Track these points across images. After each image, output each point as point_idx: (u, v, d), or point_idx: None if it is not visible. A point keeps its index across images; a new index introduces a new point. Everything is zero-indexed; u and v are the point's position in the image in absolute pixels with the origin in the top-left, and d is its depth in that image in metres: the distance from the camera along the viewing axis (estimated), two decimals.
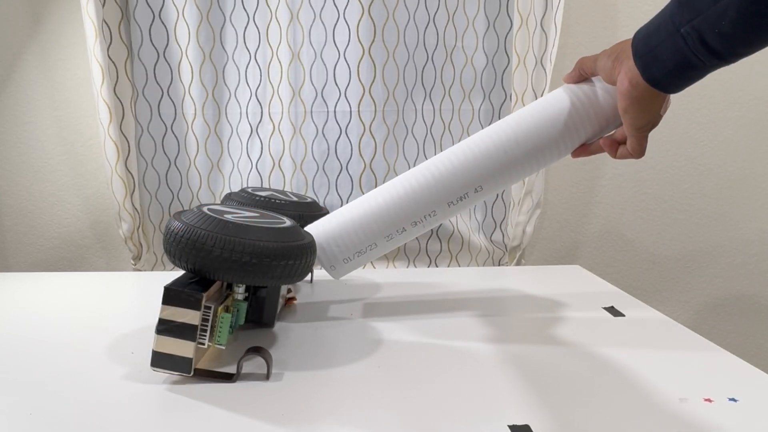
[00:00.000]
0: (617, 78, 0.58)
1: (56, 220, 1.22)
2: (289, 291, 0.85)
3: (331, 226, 0.74)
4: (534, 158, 0.69)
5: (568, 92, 0.68)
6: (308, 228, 0.75)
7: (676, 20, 0.50)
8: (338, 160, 1.11)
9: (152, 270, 1.18)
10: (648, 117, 0.59)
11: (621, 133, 0.64)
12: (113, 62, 1.08)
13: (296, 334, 0.73)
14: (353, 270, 0.76)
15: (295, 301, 0.85)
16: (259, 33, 1.10)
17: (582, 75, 0.67)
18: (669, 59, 0.52)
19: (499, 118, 1.16)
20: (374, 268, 1.15)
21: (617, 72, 0.58)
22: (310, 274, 0.98)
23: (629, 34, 0.57)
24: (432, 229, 1.16)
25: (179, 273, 0.63)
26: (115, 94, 1.09)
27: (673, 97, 0.59)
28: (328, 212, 0.88)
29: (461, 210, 0.73)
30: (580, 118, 0.67)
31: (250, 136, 1.13)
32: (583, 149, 0.69)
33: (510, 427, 0.51)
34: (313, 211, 0.88)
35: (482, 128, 1.15)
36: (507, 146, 0.69)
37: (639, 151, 0.62)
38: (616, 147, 0.65)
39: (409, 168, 1.13)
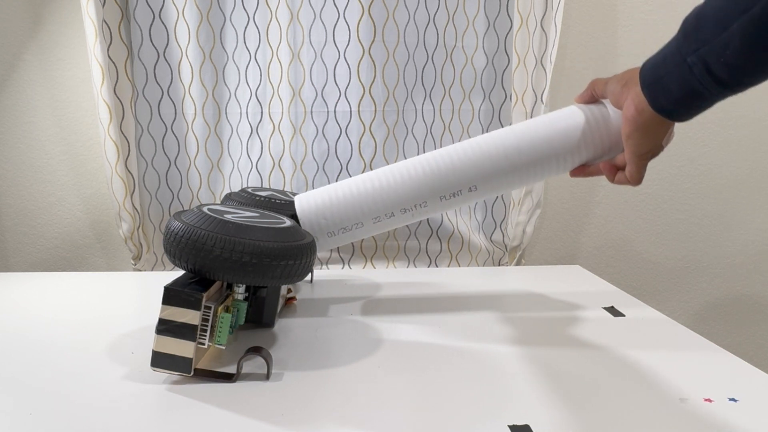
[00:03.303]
0: (624, 103, 0.59)
1: (56, 220, 1.22)
2: (289, 291, 0.85)
3: (321, 198, 0.74)
4: (533, 169, 0.69)
5: (578, 111, 0.68)
6: (297, 197, 0.76)
7: (683, 50, 0.51)
8: (338, 160, 1.11)
9: (152, 270, 1.18)
10: (650, 145, 0.59)
11: (621, 159, 0.65)
12: (113, 62, 1.08)
13: (296, 334, 0.73)
14: (335, 246, 0.76)
15: (295, 301, 0.85)
16: (259, 33, 1.10)
17: (593, 96, 0.68)
18: (676, 88, 0.52)
19: (499, 118, 1.16)
20: (374, 267, 1.15)
21: (624, 97, 0.59)
22: (310, 274, 0.98)
23: (629, 34, 0.57)
24: (432, 229, 1.16)
25: (179, 273, 0.63)
26: (115, 94, 1.09)
27: None
28: None
29: (453, 207, 0.73)
30: (585, 137, 0.67)
31: (250, 136, 1.13)
32: (582, 169, 0.70)
33: (510, 427, 0.51)
34: None
35: (482, 128, 1.17)
36: (508, 151, 0.69)
37: (637, 179, 0.63)
38: (614, 172, 0.66)
39: None
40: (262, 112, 1.12)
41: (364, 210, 0.73)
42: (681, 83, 0.52)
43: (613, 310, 0.81)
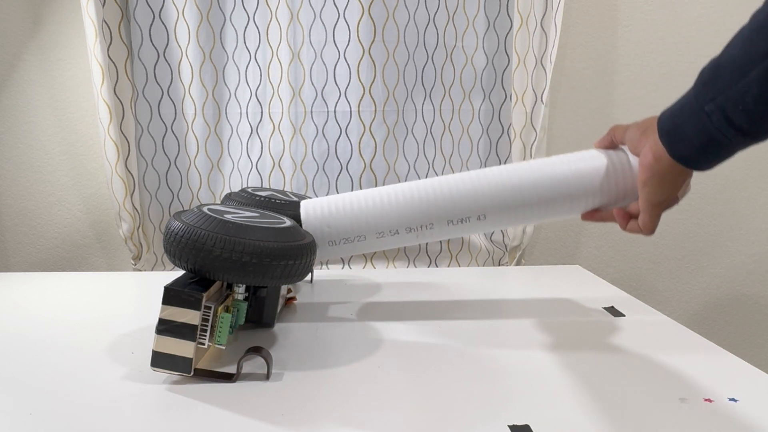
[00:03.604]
0: (642, 150, 0.59)
1: (56, 220, 1.22)
2: (289, 291, 0.85)
3: (328, 206, 0.74)
4: (545, 207, 0.69)
5: (597, 155, 0.68)
6: (304, 203, 0.75)
7: (700, 98, 0.51)
8: (338, 160, 1.11)
9: (152, 270, 1.18)
10: (666, 194, 0.59)
11: (635, 207, 0.65)
12: (113, 62, 1.08)
13: (296, 334, 0.73)
14: (335, 256, 0.76)
15: (295, 301, 0.85)
16: (259, 33, 1.10)
17: (613, 142, 0.68)
18: (694, 136, 0.52)
19: (500, 118, 1.17)
20: (374, 267, 1.15)
21: (643, 144, 0.59)
22: (310, 274, 0.98)
23: (629, 34, 0.57)
24: None
25: (179, 273, 0.63)
26: (115, 94, 1.08)
27: (672, 98, 0.59)
28: None
29: (459, 233, 0.73)
30: (602, 182, 0.67)
31: (250, 136, 1.13)
32: (594, 213, 0.70)
33: (510, 427, 0.51)
34: None
35: (482, 128, 1.17)
36: (522, 186, 0.69)
37: (650, 228, 0.62)
38: (627, 219, 0.66)
39: (409, 168, 1.14)
40: (262, 112, 1.12)
41: (369, 223, 0.72)
42: (699, 131, 0.51)
43: (613, 310, 0.81)
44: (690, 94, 0.53)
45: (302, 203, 0.75)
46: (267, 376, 0.61)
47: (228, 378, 0.60)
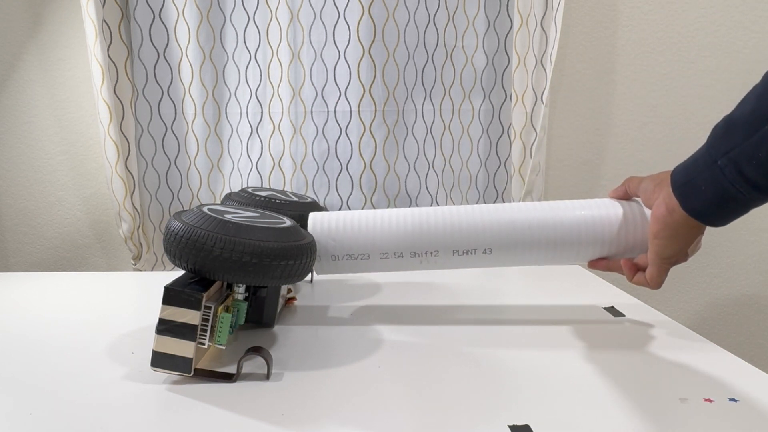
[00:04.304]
0: (655, 202, 0.59)
1: (56, 220, 1.22)
2: (289, 291, 0.85)
3: (336, 220, 0.74)
4: (552, 248, 0.69)
5: (610, 204, 0.68)
6: (312, 215, 0.75)
7: (713, 152, 0.51)
8: (338, 160, 1.11)
9: (152, 270, 1.18)
10: (676, 248, 0.59)
11: (643, 259, 0.65)
12: (113, 62, 1.08)
13: (296, 334, 0.73)
14: (336, 272, 0.75)
15: (295, 301, 0.85)
16: (259, 33, 1.10)
17: (627, 193, 0.68)
18: (708, 190, 0.52)
19: (500, 118, 1.17)
20: (382, 271, 1.15)
21: (656, 196, 0.59)
22: (310, 275, 0.98)
23: (629, 34, 0.57)
24: None
25: (179, 273, 0.63)
26: (115, 94, 1.09)
27: (672, 98, 0.59)
28: None
29: (464, 265, 0.73)
30: (612, 231, 0.67)
31: (250, 136, 1.13)
32: (601, 261, 0.70)
33: (510, 427, 0.51)
34: (313, 211, 0.88)
35: (482, 128, 1.17)
36: (532, 224, 0.69)
37: (657, 282, 0.62)
38: (634, 271, 0.66)
39: (409, 168, 1.14)
40: (262, 112, 1.12)
41: (375, 243, 0.72)
42: (712, 185, 0.51)
43: (613, 310, 0.81)
44: (703, 148, 0.53)
45: (311, 215, 0.75)
46: (267, 376, 0.61)
47: (228, 378, 0.60)
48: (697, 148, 0.55)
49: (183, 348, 0.57)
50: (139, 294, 0.94)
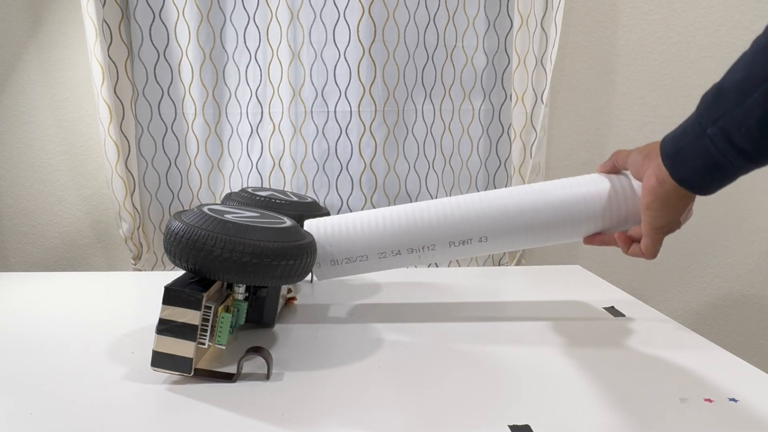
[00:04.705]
0: (645, 174, 0.59)
1: (56, 220, 1.22)
2: (289, 291, 0.85)
3: (331, 225, 0.74)
4: (547, 230, 0.69)
5: (600, 179, 0.68)
6: (308, 222, 0.76)
7: (702, 121, 0.50)
8: (338, 160, 1.11)
9: (152, 270, 1.18)
10: (668, 218, 0.59)
11: (637, 231, 0.65)
12: (113, 62, 1.08)
13: (296, 334, 0.73)
14: (336, 276, 0.76)
15: (295, 301, 0.85)
16: (259, 33, 1.10)
17: (615, 167, 0.68)
18: (697, 159, 0.52)
19: (500, 118, 1.17)
20: (382, 270, 1.15)
21: (645, 168, 0.59)
22: (310, 275, 0.98)
23: (629, 34, 0.57)
24: None
25: (179, 273, 0.63)
26: (116, 94, 1.09)
27: (672, 98, 0.59)
28: (328, 212, 0.88)
29: (461, 255, 0.73)
30: (604, 206, 0.67)
31: (251, 136, 1.13)
32: (596, 237, 0.70)
33: (510, 427, 0.51)
34: (313, 211, 0.88)
35: (482, 128, 1.17)
36: (525, 208, 0.69)
37: (652, 252, 0.62)
38: (629, 243, 0.66)
39: (409, 168, 1.14)
40: (262, 112, 1.12)
41: (372, 243, 0.72)
42: (702, 154, 0.51)
43: (613, 310, 0.81)
44: (692, 117, 0.53)
45: (306, 222, 0.76)
46: (267, 376, 0.61)
47: (228, 378, 0.60)
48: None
49: (183, 348, 0.57)
50: (139, 294, 0.94)
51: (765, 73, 0.45)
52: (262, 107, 1.12)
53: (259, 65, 1.11)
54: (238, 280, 0.59)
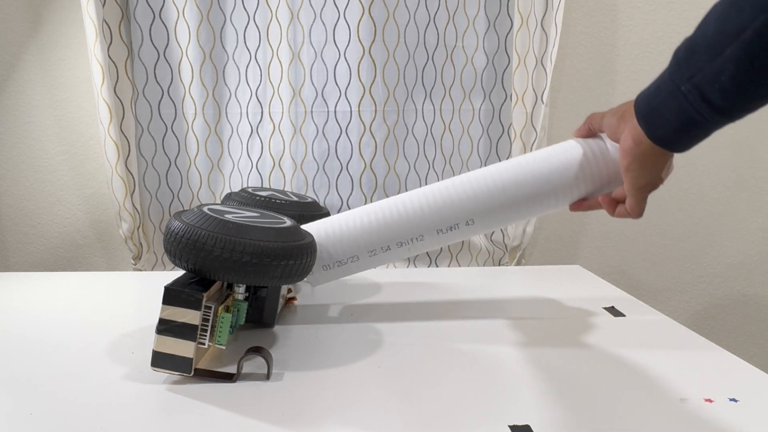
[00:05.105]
0: (621, 136, 0.58)
1: (56, 220, 1.22)
2: (289, 291, 0.85)
3: (317, 232, 0.74)
4: (531, 203, 0.69)
5: (576, 145, 0.68)
6: None
7: (676, 78, 0.50)
8: (338, 160, 1.11)
9: (152, 270, 1.18)
10: (649, 177, 0.59)
11: (620, 192, 0.64)
12: (113, 62, 1.08)
13: (296, 334, 0.73)
14: (330, 280, 0.76)
15: (295, 301, 0.85)
16: (259, 33, 1.10)
17: (591, 131, 0.67)
18: (672, 117, 0.51)
19: (500, 118, 1.17)
20: (374, 268, 1.15)
21: (621, 130, 0.58)
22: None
23: (629, 34, 0.57)
24: None
25: (179, 273, 0.63)
26: (116, 93, 1.09)
27: None
28: (328, 212, 0.88)
29: (450, 240, 0.73)
30: (584, 171, 0.67)
31: (251, 136, 1.13)
32: (581, 203, 0.70)
33: (510, 427, 0.51)
34: (313, 211, 0.88)
35: (482, 128, 1.17)
36: (507, 185, 0.69)
37: (637, 212, 0.62)
38: (614, 205, 0.65)
39: (409, 168, 1.14)
40: (262, 112, 1.12)
41: (359, 243, 0.72)
42: (676, 112, 0.51)
43: (613, 310, 0.81)
44: (665, 74, 0.52)
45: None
46: (267, 376, 0.61)
47: (228, 378, 0.60)
48: (696, 149, 0.55)
49: (183, 348, 0.57)
50: (139, 294, 0.94)
51: (736, 28, 0.44)
52: (262, 107, 1.12)
53: (259, 65, 1.11)
54: (238, 280, 0.59)
